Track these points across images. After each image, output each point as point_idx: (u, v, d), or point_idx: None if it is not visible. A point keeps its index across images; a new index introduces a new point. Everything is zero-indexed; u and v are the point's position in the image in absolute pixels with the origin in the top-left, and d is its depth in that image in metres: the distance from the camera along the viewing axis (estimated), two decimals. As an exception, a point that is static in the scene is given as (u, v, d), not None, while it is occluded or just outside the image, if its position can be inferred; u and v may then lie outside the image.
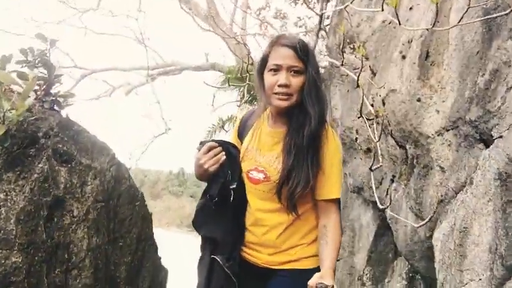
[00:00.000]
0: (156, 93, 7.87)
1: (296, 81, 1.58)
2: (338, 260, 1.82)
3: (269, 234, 1.66)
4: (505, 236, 1.53)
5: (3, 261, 1.64)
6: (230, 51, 5.19)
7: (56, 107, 2.18)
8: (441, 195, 2.41)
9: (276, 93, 1.59)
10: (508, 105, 2.06)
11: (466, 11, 2.24)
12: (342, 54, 3.70)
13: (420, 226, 2.34)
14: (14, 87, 2.13)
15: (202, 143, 1.71)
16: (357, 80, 3.22)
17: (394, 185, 3.13)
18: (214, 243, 1.73)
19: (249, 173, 1.70)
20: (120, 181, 2.31)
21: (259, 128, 1.75)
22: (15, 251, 1.67)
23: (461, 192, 2.21)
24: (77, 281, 1.98)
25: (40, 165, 1.89)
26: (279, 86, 1.58)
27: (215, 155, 1.64)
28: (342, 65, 3.70)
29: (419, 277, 3.17)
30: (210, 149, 1.65)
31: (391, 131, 3.12)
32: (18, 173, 1.83)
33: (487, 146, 2.25)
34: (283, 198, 1.60)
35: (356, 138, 3.66)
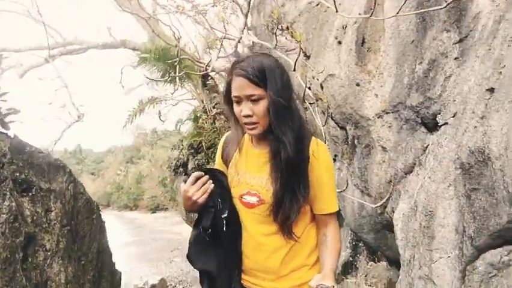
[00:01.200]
0: (62, 76, 7.07)
1: (258, 108, 1.50)
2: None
3: (271, 259, 1.63)
4: (473, 219, 1.76)
5: None
6: (152, 30, 4.82)
7: (2, 129, 1.88)
8: (391, 176, 2.65)
9: (245, 123, 1.55)
10: (449, 94, 2.31)
11: (404, 3, 2.41)
12: (275, 37, 3.74)
13: (377, 206, 2.56)
14: None
15: (187, 175, 1.65)
16: (295, 65, 3.31)
17: (337, 164, 3.34)
18: (211, 276, 1.68)
19: (242, 198, 1.64)
20: (77, 197, 2.12)
21: (245, 150, 1.70)
22: None
23: (412, 173, 2.46)
24: (59, 317, 1.83)
25: (6, 203, 1.64)
26: (243, 116, 1.53)
27: (203, 185, 1.56)
28: (275, 47, 3.76)
29: (362, 245, 3.49)
30: (196, 180, 1.56)
31: (331, 113, 3.29)
32: None
33: (429, 129, 2.52)
34: (279, 222, 1.56)
35: (294, 120, 3.79)
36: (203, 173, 1.57)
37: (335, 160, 3.40)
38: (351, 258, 3.58)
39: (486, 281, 1.69)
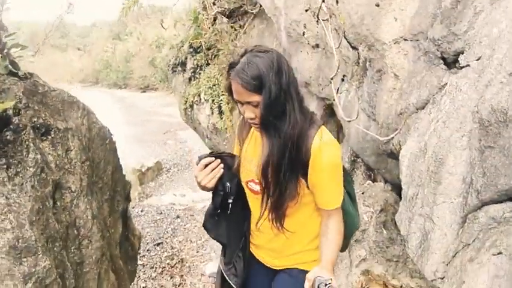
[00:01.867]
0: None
1: (259, 111, 1.49)
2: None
3: (273, 242, 1.74)
4: (482, 175, 1.84)
5: (33, 270, 1.52)
6: None
7: (12, 69, 1.76)
8: (401, 108, 2.66)
9: (249, 122, 1.57)
10: (475, 33, 2.20)
11: None
12: None
13: (386, 140, 2.62)
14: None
15: (200, 158, 1.66)
16: (309, -26, 3.05)
17: (346, 85, 3.30)
18: (223, 245, 1.84)
19: (248, 184, 1.71)
20: (91, 128, 2.10)
21: (254, 137, 1.72)
22: (40, 255, 1.55)
23: (425, 111, 2.47)
24: (89, 247, 1.96)
25: (31, 156, 1.62)
26: (246, 117, 1.54)
27: (212, 170, 1.62)
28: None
29: (360, 161, 3.64)
30: (205, 166, 1.62)
31: (344, 32, 3.14)
32: (5, 166, 1.56)
33: (449, 67, 2.45)
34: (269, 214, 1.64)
35: (304, 33, 3.61)
36: (213, 159, 1.62)
37: (343, 80, 3.35)
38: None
39: (485, 231, 1.83)
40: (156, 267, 5.36)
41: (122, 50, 30.65)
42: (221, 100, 4.70)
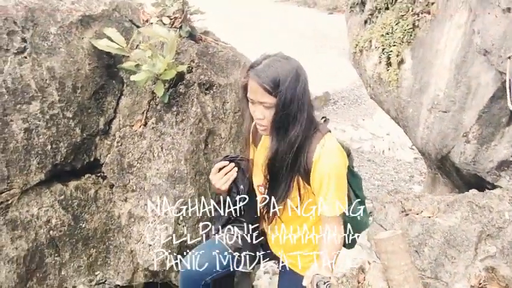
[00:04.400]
0: None
1: (269, 113, 1.54)
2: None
3: (276, 239, 1.82)
4: None
5: (182, 194, 2.03)
6: None
7: (191, 32, 2.15)
8: None
9: (257, 123, 1.61)
10: None
11: None
12: None
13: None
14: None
15: (215, 162, 1.76)
16: None
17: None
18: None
19: (259, 188, 1.77)
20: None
21: (262, 142, 1.75)
22: (188, 184, 2.04)
23: None
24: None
25: (193, 109, 2.05)
26: (256, 118, 1.58)
27: (225, 174, 1.71)
28: None
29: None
30: (219, 170, 1.72)
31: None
32: (175, 113, 2.02)
33: None
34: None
35: (496, -7, 3.15)
36: (227, 162, 1.72)
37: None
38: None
39: None
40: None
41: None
42: (391, 51, 4.50)
